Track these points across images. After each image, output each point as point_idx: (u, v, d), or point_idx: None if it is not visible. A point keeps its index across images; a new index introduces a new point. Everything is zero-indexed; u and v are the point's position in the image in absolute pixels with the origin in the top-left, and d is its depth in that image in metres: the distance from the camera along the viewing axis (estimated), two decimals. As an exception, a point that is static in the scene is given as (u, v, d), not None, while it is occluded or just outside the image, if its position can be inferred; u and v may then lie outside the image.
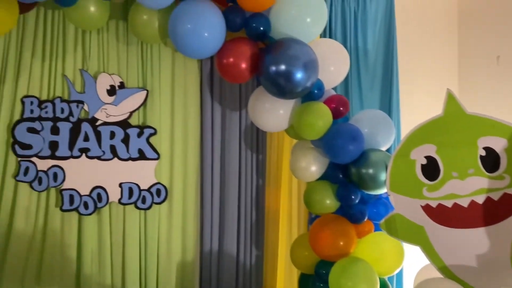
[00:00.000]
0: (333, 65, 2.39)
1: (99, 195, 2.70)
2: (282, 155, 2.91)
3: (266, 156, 2.93)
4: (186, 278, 2.80)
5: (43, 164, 2.66)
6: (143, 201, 2.74)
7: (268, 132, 2.91)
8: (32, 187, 2.65)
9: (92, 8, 2.37)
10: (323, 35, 2.73)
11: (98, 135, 2.70)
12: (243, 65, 2.28)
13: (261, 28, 2.27)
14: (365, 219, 2.45)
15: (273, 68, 2.16)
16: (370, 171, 2.30)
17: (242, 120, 2.88)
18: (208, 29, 2.19)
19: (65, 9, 2.38)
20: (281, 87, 2.19)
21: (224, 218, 2.87)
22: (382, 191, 2.38)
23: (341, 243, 2.35)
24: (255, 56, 2.29)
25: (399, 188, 2.17)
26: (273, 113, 2.41)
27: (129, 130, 2.73)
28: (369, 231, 2.49)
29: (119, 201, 2.72)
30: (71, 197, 2.67)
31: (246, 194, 2.90)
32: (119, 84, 2.73)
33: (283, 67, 2.14)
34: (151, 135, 2.76)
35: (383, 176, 2.28)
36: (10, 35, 2.63)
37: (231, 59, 2.27)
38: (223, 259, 2.86)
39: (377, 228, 2.51)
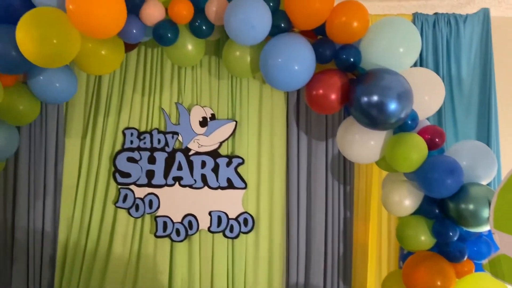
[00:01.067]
0: (427, 94, 2.31)
1: (190, 222, 2.80)
2: (371, 186, 2.83)
3: (354, 187, 2.87)
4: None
5: (140, 192, 2.83)
6: (231, 230, 2.79)
7: (356, 163, 2.85)
8: (129, 213, 2.82)
9: (189, 47, 2.52)
10: (413, 63, 2.65)
11: (190, 165, 2.83)
12: (333, 96, 2.28)
13: (351, 60, 2.27)
14: (465, 258, 2.29)
15: (365, 99, 2.13)
16: (471, 206, 2.16)
17: (329, 150, 2.86)
18: (298, 62, 2.23)
19: (165, 48, 2.56)
20: (373, 118, 2.15)
21: (311, 251, 2.83)
22: (484, 228, 2.22)
23: (439, 283, 2.21)
24: (345, 87, 2.28)
25: (505, 226, 2.00)
26: (363, 144, 2.36)
27: (218, 160, 2.83)
28: (469, 271, 2.32)
29: (209, 229, 2.80)
30: (165, 223, 2.80)
31: (333, 226, 2.84)
32: (210, 115, 2.86)
33: (375, 98, 2.11)
34: (239, 164, 2.83)
35: (485, 212, 2.13)
36: (114, 72, 2.86)
37: (321, 91, 2.29)
38: (309, 292, 2.81)
39: (478, 269, 2.33)
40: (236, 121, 2.85)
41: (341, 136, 2.46)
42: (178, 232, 2.79)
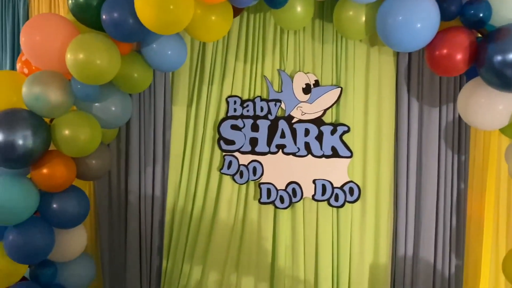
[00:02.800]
0: None
1: (294, 190, 2.78)
2: (488, 156, 2.62)
3: (469, 157, 2.67)
4: (378, 281, 2.70)
5: (244, 159, 2.85)
6: (336, 199, 2.73)
7: (472, 131, 2.65)
8: (234, 180, 2.86)
9: (298, 8, 2.44)
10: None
11: (293, 132, 2.79)
12: (459, 56, 2.10)
13: (480, 15, 2.06)
14: None
15: (499, 57, 1.93)
16: None
17: (442, 117, 2.66)
18: (421, 20, 2.07)
19: (273, 11, 2.50)
20: (509, 79, 1.95)
21: (420, 222, 2.70)
22: None
23: None
24: (472, 45, 2.09)
25: None
26: (490, 109, 2.16)
27: (322, 128, 2.76)
28: None
29: (313, 198, 2.76)
30: (268, 190, 2.81)
31: (445, 197, 2.67)
32: (314, 82, 2.78)
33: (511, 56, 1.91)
34: (344, 132, 2.74)
35: None
36: (217, 41, 2.87)
37: (445, 50, 2.11)
38: (418, 265, 2.69)
39: None
40: (341, 88, 2.74)
41: (463, 100, 2.27)
42: (282, 199, 2.79)
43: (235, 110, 2.86)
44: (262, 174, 2.83)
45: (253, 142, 2.84)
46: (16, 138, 2.16)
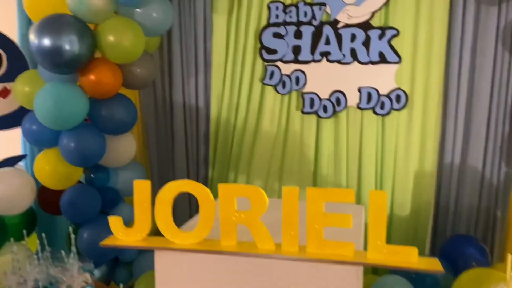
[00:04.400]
0: None
1: (338, 99, 2.73)
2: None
3: (529, 62, 2.49)
4: (423, 188, 2.68)
5: (286, 68, 2.79)
6: (382, 107, 2.66)
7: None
8: (276, 90, 2.83)
9: None
10: None
11: (339, 38, 2.68)
12: None
13: None
14: None
15: None
16: None
17: (501, 17, 2.46)
18: None
19: None
20: None
21: (470, 130, 2.61)
22: None
23: None
24: None
25: None
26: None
27: (370, 32, 2.62)
28: None
29: (357, 106, 2.70)
30: (312, 100, 2.77)
31: (498, 105, 2.55)
32: (361, -17, 2.61)
33: None
34: (393, 36, 2.60)
35: None
36: None
37: None
38: (465, 173, 2.64)
39: None
40: (391, -12, 2.57)
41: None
42: (325, 109, 2.75)
43: (277, 16, 2.76)
44: (305, 84, 2.77)
45: (296, 50, 2.76)
46: (63, 43, 2.19)
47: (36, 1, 2.37)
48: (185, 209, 3.01)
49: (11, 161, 2.67)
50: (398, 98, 2.64)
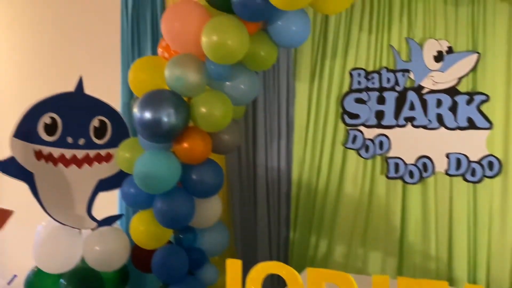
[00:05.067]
0: None
1: (424, 164, 2.66)
2: None
3: None
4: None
5: (369, 133, 2.80)
6: (473, 174, 2.55)
7: None
8: (359, 154, 2.83)
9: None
10: None
11: (424, 104, 2.65)
12: None
13: None
14: None
15: None
16: None
17: None
18: None
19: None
20: None
21: None
22: None
23: None
24: None
25: None
26: None
27: (457, 98, 2.58)
28: None
29: (446, 172, 2.61)
30: (396, 165, 2.73)
31: None
32: (446, 49, 2.60)
33: None
34: (482, 102, 2.53)
35: None
36: (340, 13, 2.83)
37: None
38: None
39: None
40: (478, 53, 2.53)
41: None
42: (411, 174, 2.69)
43: (359, 82, 2.81)
44: (389, 148, 2.76)
45: (379, 115, 2.77)
46: (161, 116, 2.40)
47: (139, 77, 2.65)
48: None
49: (109, 220, 2.90)
50: (490, 165, 2.52)
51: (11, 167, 2.58)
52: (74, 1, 3.69)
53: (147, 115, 2.40)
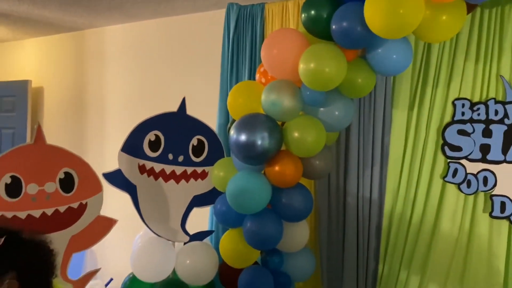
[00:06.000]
0: None
1: (536, 206, 2.43)
2: None
3: None
4: None
5: (472, 167, 2.62)
6: None
7: None
8: (460, 189, 2.66)
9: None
10: None
11: (537, 139, 2.44)
12: None
13: None
14: None
15: None
16: None
17: None
18: None
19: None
20: None
21: None
22: None
23: None
24: None
25: None
26: None
27: None
28: None
29: (562, 216, 2.36)
30: (503, 204, 2.51)
31: None
32: None
33: None
34: None
35: None
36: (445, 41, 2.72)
37: None
38: None
39: None
40: None
41: None
42: (520, 215, 2.46)
43: (463, 114, 2.66)
44: (494, 185, 2.55)
45: (484, 149, 2.59)
46: (256, 139, 2.47)
47: (237, 101, 2.76)
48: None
49: (201, 235, 3.03)
50: None
51: (117, 179, 2.81)
52: (180, 28, 3.99)
53: (242, 137, 2.49)
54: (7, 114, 5.02)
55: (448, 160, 2.70)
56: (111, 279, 4.00)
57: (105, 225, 2.64)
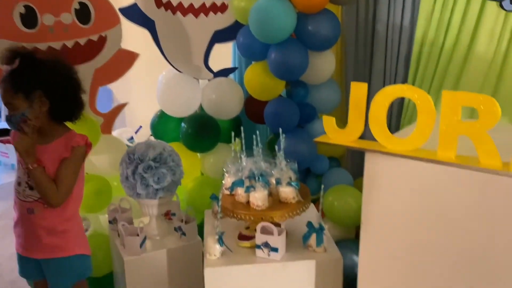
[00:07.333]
0: None
1: None
2: None
3: None
4: None
5: (518, -21, 2.38)
6: None
7: None
8: (501, 6, 2.44)
9: None
10: None
11: None
12: None
13: None
14: None
15: None
16: None
17: None
18: None
19: None
20: None
21: None
22: None
23: None
24: None
25: None
26: None
27: None
28: None
29: None
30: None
31: None
32: None
33: None
34: None
35: None
36: None
37: None
38: None
39: None
40: None
41: None
42: None
43: None
44: (540, -3, 2.34)
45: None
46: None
47: None
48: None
49: (225, 72, 2.98)
50: None
51: (134, 14, 2.67)
52: None
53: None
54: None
55: (490, -24, 2.45)
56: (140, 127, 4.13)
57: (128, 58, 2.59)
